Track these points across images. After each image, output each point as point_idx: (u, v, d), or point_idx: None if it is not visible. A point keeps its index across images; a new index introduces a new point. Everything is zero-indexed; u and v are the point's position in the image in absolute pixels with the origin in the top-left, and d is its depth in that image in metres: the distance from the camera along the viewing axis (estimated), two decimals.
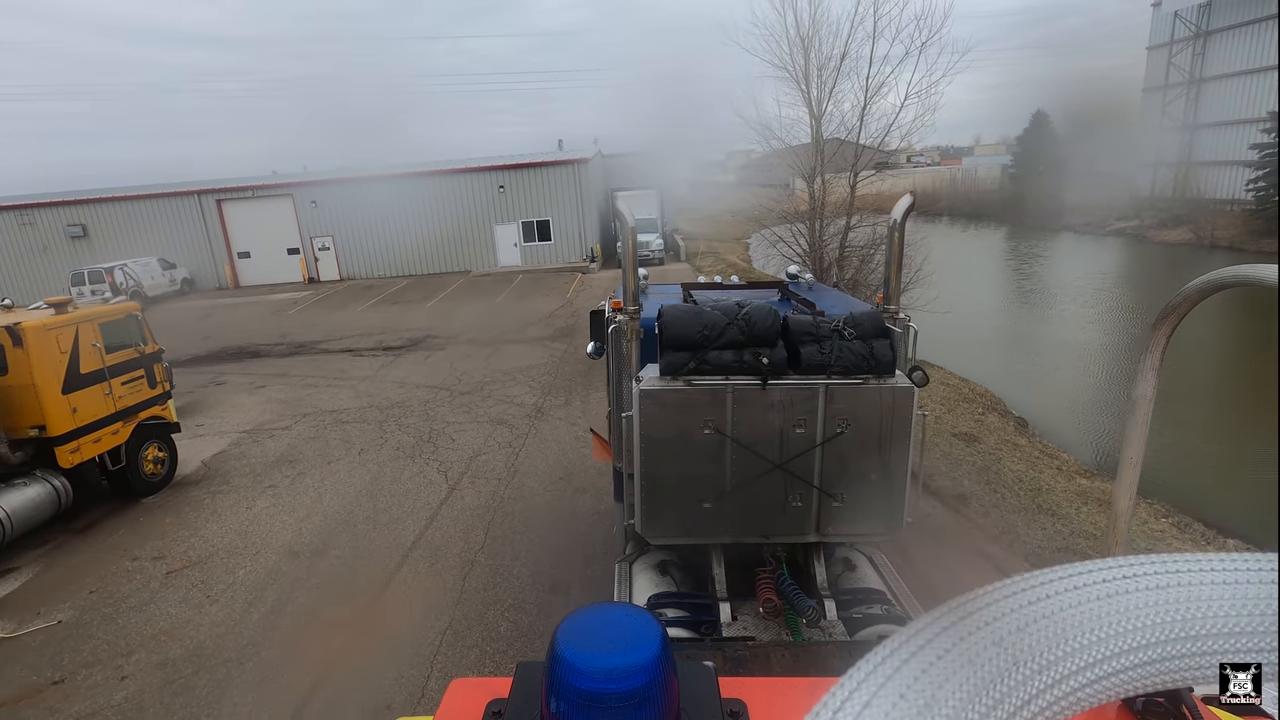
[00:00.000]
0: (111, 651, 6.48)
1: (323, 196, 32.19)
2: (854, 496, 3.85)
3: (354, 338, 21.39)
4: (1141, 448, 1.99)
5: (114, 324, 9.50)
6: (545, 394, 14.01)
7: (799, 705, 0.69)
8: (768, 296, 5.56)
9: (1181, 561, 0.73)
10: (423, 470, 10.45)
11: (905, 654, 0.64)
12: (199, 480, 10.61)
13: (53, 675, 6.17)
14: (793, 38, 16.17)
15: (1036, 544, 7.39)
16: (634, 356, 4.20)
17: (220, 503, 9.72)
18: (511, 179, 32.46)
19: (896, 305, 4.48)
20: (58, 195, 33.63)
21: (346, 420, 13.17)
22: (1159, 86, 40.71)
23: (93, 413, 9.03)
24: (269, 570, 7.77)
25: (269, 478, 10.52)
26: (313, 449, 11.65)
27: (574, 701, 1.07)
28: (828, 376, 3.72)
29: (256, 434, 12.67)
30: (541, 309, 23.65)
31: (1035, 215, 44.09)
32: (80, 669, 6.24)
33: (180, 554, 8.27)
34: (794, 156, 17.68)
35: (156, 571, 7.89)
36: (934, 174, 66.20)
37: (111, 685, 6.01)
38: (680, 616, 3.98)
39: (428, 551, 8.00)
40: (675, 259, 32.85)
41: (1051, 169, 45.51)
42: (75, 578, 7.87)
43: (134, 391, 9.73)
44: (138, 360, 9.83)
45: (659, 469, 3.85)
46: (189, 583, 7.61)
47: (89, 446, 8.97)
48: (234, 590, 7.41)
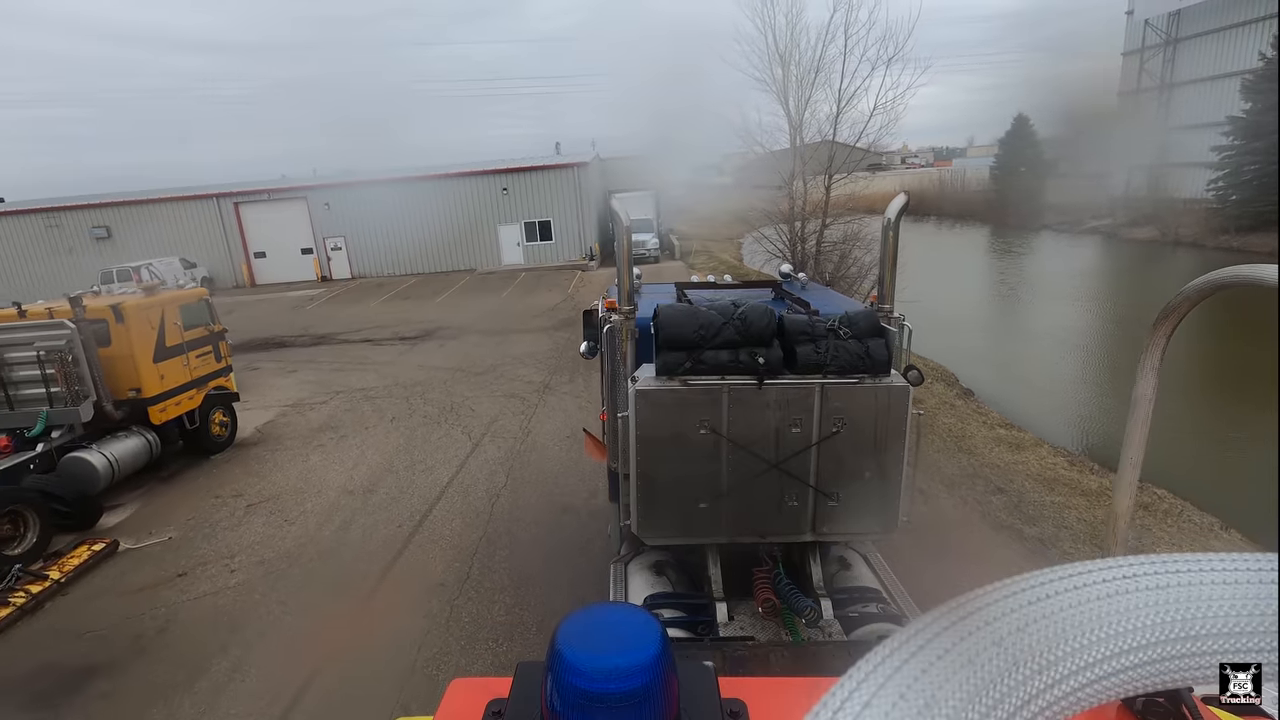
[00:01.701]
0: (217, 555, 8.21)
1: (335, 199, 33.89)
2: (849, 496, 3.87)
3: (371, 330, 23.08)
4: (1141, 448, 1.96)
5: (189, 306, 11.23)
6: (551, 373, 15.75)
7: (799, 705, 0.66)
8: (762, 296, 5.62)
9: (1181, 561, 0.72)
10: (449, 432, 12.18)
11: (905, 654, 0.63)
12: (256, 442, 12.34)
13: (177, 570, 7.91)
14: (772, 53, 17.94)
15: (951, 473, 9.16)
16: (629, 356, 4.20)
17: (279, 458, 11.45)
18: (514, 182, 34.21)
19: (891, 304, 4.47)
20: (83, 199, 35.30)
21: (376, 396, 14.89)
22: (1132, 91, 42.56)
23: (175, 380, 10.75)
24: (331, 503, 9.50)
25: (316, 440, 12.25)
26: (350, 418, 13.38)
27: (574, 701, 1.08)
28: (823, 376, 3.73)
29: (298, 407, 14.39)
30: (545, 303, 25.38)
31: (1016, 215, 45.94)
32: (196, 567, 7.98)
33: (255, 493, 10.00)
34: (776, 161, 19.44)
35: (238, 505, 9.63)
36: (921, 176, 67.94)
37: (224, 576, 7.75)
38: (677, 617, 4.01)
39: (460, 489, 9.73)
40: (670, 257, 34.61)
41: (1031, 170, 47.38)
42: (171, 510, 9.61)
43: (205, 364, 11.45)
44: (207, 338, 11.56)
45: (655, 469, 3.85)
46: (267, 512, 9.35)
47: (173, 408, 10.70)
48: (306, 516, 9.14)
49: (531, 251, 34.77)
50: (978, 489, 8.85)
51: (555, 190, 34.26)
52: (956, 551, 7.19)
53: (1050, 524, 7.86)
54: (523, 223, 34.58)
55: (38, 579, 7.55)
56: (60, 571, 7.76)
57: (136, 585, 7.66)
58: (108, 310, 9.94)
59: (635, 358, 4.17)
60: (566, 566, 7.47)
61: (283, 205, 34.55)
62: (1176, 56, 40.58)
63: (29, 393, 9.52)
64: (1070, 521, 7.82)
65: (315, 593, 7.33)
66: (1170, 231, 33.14)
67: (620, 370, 4.29)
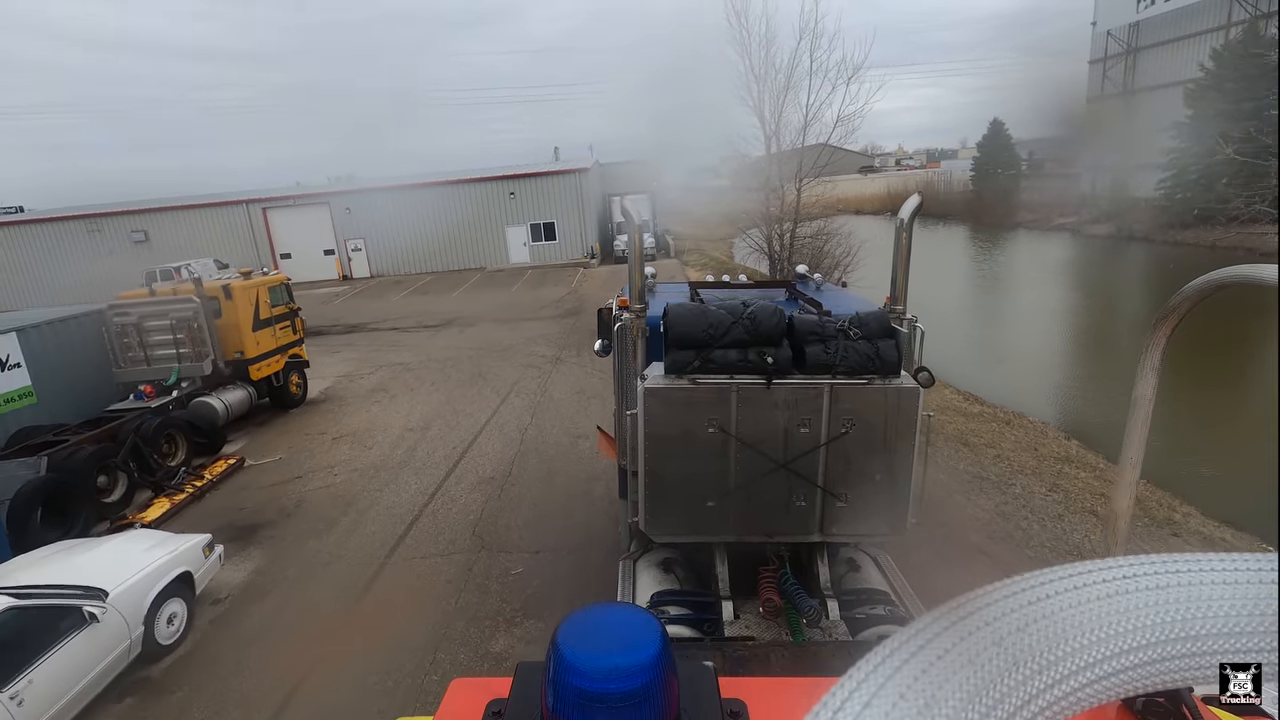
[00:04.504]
0: (320, 467, 11.02)
1: (356, 203, 36.75)
2: (858, 497, 3.85)
3: (397, 319, 25.90)
4: (1141, 448, 1.94)
5: (275, 288, 14.04)
6: (561, 349, 18.56)
7: (799, 705, 0.66)
8: (774, 296, 5.66)
9: (1181, 561, 0.72)
10: (480, 392, 14.98)
11: (905, 654, 0.64)
12: (323, 400, 15.15)
13: (294, 475, 10.72)
14: (749, 73, 20.75)
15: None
16: (639, 355, 4.24)
17: (346, 409, 14.26)
18: (521, 186, 37.12)
19: (904, 306, 4.48)
20: (123, 205, 38.15)
21: (413, 368, 17.69)
22: (1097, 97, 45.49)
23: (266, 346, 13.56)
24: (397, 436, 12.31)
25: (372, 398, 15.06)
26: (397, 383, 16.19)
27: (574, 701, 1.09)
28: (832, 376, 3.72)
29: (350, 377, 17.20)
30: (551, 295, 28.20)
31: (992, 214, 48.90)
32: (308, 474, 10.79)
33: (336, 430, 12.82)
34: (766, 165, 22.19)
35: (325, 438, 12.44)
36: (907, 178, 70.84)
37: (329, 478, 10.56)
38: (683, 614, 4.05)
39: (496, 425, 12.53)
40: (666, 255, 37.50)
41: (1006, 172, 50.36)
42: (274, 443, 12.42)
43: (285, 335, 14.26)
44: (287, 314, 14.37)
45: (663, 467, 3.88)
46: (349, 442, 12.15)
47: (265, 368, 13.51)
48: (379, 445, 11.94)
49: (537, 250, 37.62)
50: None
51: (559, 194, 37.15)
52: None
53: (936, 434, 10.67)
54: (529, 224, 37.44)
55: (198, 477, 10.38)
56: (211, 475, 10.58)
57: (268, 483, 10.48)
58: (219, 290, 12.77)
59: (645, 356, 4.22)
60: (581, 469, 10.26)
61: (307, 210, 37.43)
62: (1137, 65, 43.53)
63: (161, 353, 12.34)
64: (949, 432, 10.64)
65: (400, 486, 10.13)
66: (1125, 227, 36.01)
67: (630, 368, 4.33)
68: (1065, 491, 8.48)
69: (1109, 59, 44.71)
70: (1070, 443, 10.51)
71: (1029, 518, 7.85)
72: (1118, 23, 44.09)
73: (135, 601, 6.06)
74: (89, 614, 5.52)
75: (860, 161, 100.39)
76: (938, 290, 28.58)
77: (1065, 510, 8.00)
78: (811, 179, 20.68)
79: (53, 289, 35.85)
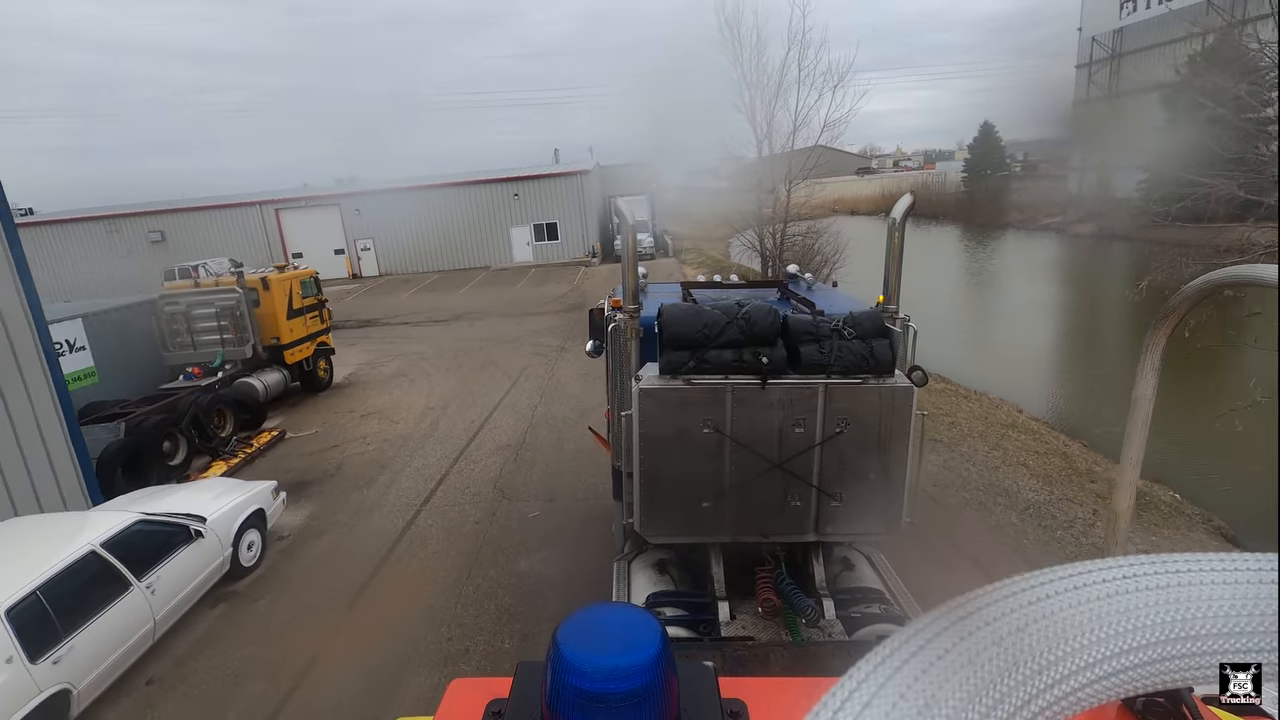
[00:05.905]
0: (354, 438, 12.36)
1: (365, 205, 38.12)
2: (853, 496, 3.87)
3: (408, 314, 27.23)
4: (1141, 448, 1.94)
5: (305, 281, 15.39)
6: (565, 340, 19.90)
7: (799, 705, 0.65)
8: (767, 296, 5.68)
9: (1181, 561, 0.72)
10: (492, 376, 16.31)
11: (905, 654, 0.64)
12: (348, 385, 16.49)
13: (331, 444, 12.05)
14: (740, 80, 22.09)
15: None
16: (634, 355, 4.24)
17: (369, 392, 15.60)
18: (525, 188, 38.52)
19: (897, 305, 4.49)
20: (141, 206, 39.52)
21: (428, 357, 19.03)
22: (1083, 101, 46.89)
23: (299, 333, 14.90)
24: (420, 413, 13.64)
25: (394, 383, 16.39)
26: (415, 369, 17.53)
27: (574, 701, 1.09)
28: (827, 376, 3.73)
29: (370, 365, 18.54)
30: (554, 293, 29.55)
31: (982, 214, 50.30)
32: (343, 443, 12.12)
33: (364, 409, 14.16)
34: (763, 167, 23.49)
35: (355, 415, 13.78)
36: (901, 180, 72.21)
37: (363, 446, 11.89)
38: (679, 615, 4.05)
39: (509, 404, 13.87)
40: (664, 255, 38.86)
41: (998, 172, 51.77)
42: (308, 419, 13.76)
43: (315, 323, 15.60)
44: (316, 305, 15.71)
45: (658, 468, 3.88)
46: (377, 418, 13.49)
47: (298, 353, 14.85)
48: (405, 421, 13.27)
49: (540, 250, 39.00)
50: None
51: (561, 195, 38.55)
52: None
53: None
54: (532, 224, 38.83)
55: (247, 445, 11.73)
56: (258, 444, 11.93)
57: (309, 451, 11.83)
58: (258, 281, 14.11)
59: (640, 357, 4.23)
60: (588, 439, 11.57)
61: (318, 210, 38.80)
62: (1121, 69, 44.92)
63: (205, 339, 13.68)
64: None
65: (427, 452, 11.47)
66: (1107, 227, 37.37)
67: (624, 369, 4.34)
68: (1005, 450, 9.82)
69: (1094, 64, 46.11)
70: (1020, 414, 11.83)
71: (969, 469, 9.18)
72: (1103, 29, 45.52)
73: (225, 527, 7.39)
74: (195, 531, 6.86)
75: (857, 163, 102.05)
76: (923, 287, 29.96)
77: (1001, 463, 9.34)
78: (800, 180, 22.00)
79: (73, 287, 37.21)
